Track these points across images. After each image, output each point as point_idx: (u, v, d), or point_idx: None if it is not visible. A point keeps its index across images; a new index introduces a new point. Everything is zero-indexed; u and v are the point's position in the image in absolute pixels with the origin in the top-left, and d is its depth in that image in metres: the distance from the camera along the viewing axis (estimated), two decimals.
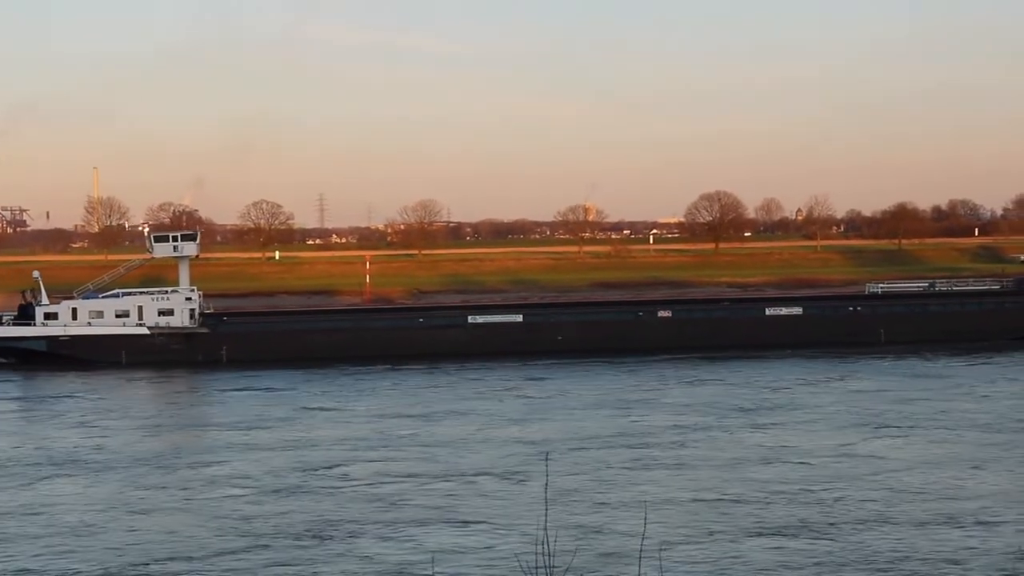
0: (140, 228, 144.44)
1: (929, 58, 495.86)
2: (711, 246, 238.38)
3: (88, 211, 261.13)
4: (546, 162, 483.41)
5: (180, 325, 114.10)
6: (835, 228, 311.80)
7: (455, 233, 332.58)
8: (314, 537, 49.24)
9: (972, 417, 74.34)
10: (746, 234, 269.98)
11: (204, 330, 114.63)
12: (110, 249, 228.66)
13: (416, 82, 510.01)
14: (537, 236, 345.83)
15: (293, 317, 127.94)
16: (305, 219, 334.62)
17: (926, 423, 72.84)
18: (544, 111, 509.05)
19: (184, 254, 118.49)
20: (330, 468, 63.05)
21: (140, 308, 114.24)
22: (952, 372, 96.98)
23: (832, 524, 49.30)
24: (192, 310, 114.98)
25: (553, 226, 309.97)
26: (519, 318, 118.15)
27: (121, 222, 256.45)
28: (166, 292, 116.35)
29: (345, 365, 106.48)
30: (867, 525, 49.13)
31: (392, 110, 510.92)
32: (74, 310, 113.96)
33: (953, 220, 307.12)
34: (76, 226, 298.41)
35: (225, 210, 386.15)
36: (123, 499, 56.92)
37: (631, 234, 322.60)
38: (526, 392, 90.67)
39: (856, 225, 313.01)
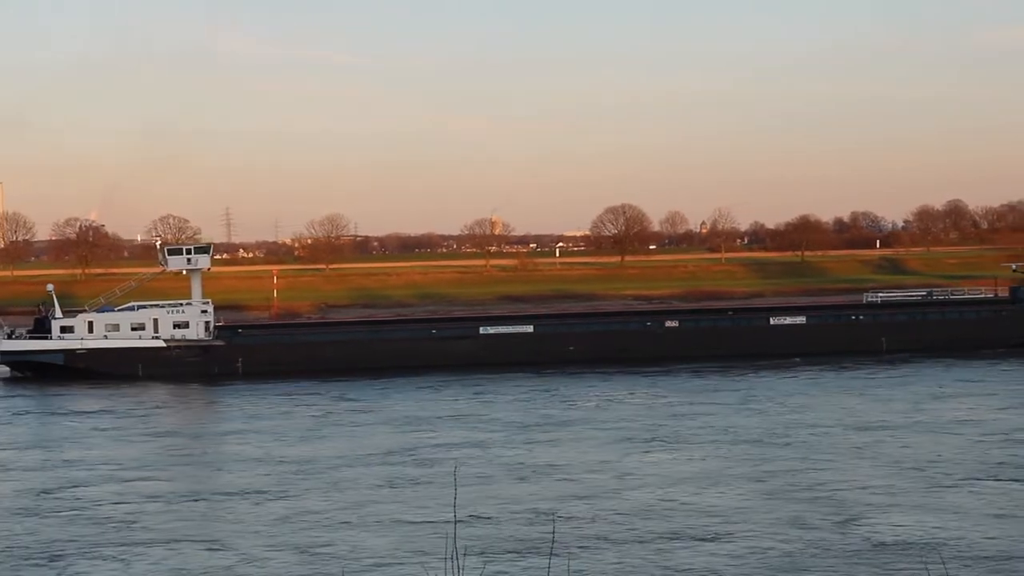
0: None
1: (831, 72, 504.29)
2: (617, 259, 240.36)
3: None
4: (452, 176, 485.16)
5: (196, 338, 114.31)
6: (739, 241, 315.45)
7: (362, 247, 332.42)
8: (27, 560, 48.18)
9: (743, 433, 74.32)
10: (651, 247, 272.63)
11: (220, 342, 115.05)
12: (16, 264, 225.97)
13: (323, 96, 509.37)
14: (444, 250, 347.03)
15: (308, 329, 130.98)
16: (212, 233, 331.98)
17: (695, 438, 72.76)
18: (450, 125, 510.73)
19: (197, 267, 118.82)
20: (78, 488, 61.50)
21: (155, 321, 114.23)
22: (751, 385, 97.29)
23: (558, 542, 48.97)
24: (207, 322, 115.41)
25: (460, 240, 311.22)
26: (530, 329, 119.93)
27: (27, 237, 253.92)
28: (180, 305, 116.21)
29: (358, 376, 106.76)
30: (591, 543, 49.01)
31: (299, 123, 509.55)
32: (90, 323, 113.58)
33: (855, 232, 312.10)
34: None
35: (133, 225, 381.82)
36: None
37: (537, 247, 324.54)
38: (325, 408, 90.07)
39: (760, 237, 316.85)
